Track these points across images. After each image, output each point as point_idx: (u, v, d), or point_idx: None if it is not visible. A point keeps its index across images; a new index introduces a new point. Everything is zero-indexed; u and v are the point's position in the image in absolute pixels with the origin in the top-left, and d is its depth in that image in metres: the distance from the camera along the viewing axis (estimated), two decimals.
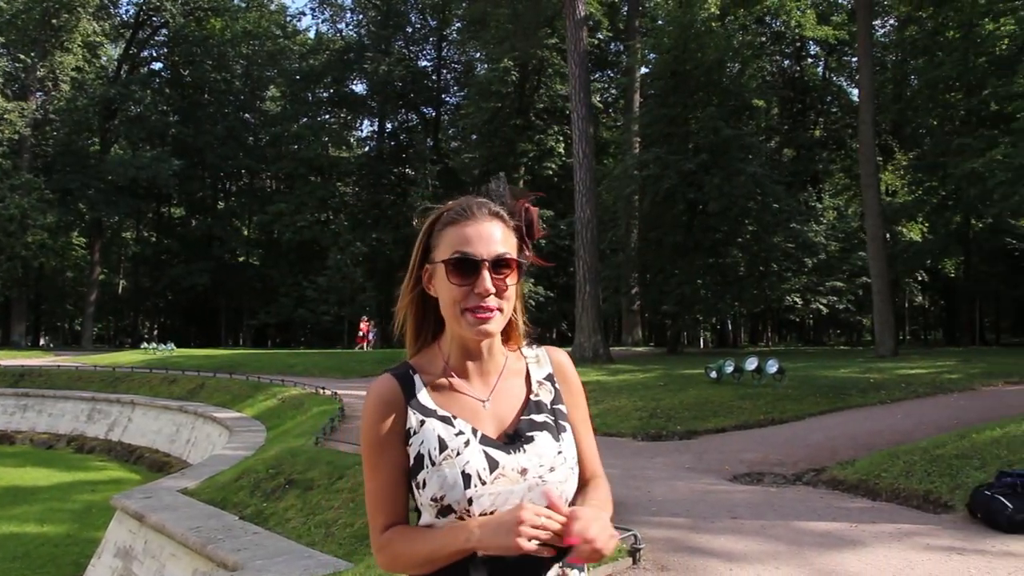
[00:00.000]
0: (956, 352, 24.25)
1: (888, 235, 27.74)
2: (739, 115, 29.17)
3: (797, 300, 33.08)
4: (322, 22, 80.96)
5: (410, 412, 1.60)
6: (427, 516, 1.57)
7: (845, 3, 36.46)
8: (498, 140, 39.15)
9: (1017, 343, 38.20)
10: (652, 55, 30.46)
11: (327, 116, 51.44)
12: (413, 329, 1.72)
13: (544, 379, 1.72)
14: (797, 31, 33.97)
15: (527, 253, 1.67)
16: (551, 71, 39.59)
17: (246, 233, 52.02)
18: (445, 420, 1.59)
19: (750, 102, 29.57)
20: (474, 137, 43.50)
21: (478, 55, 48.64)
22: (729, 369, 15.91)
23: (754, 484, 8.44)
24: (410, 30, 51.27)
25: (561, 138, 40.38)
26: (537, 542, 1.42)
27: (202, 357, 29.92)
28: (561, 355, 1.78)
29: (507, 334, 1.71)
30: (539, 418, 1.64)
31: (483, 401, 1.64)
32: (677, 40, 26.85)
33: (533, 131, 39.67)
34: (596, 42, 38.68)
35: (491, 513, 1.52)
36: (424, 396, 1.62)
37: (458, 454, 1.55)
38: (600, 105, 42.03)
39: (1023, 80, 21.68)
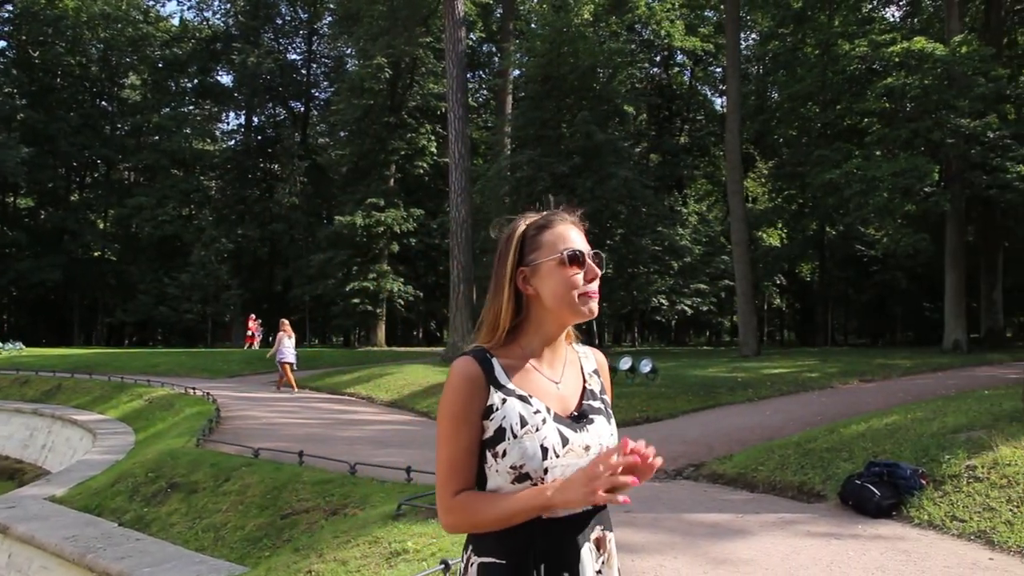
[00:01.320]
0: (813, 352, 25.61)
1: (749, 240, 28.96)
2: (610, 120, 29.80)
3: (663, 301, 34.08)
4: (187, 9, 78.22)
5: (492, 391, 1.82)
6: (499, 481, 1.79)
7: (712, 16, 37.81)
8: (368, 138, 38.60)
9: (862, 344, 40.60)
10: (525, 58, 30.76)
11: (191, 107, 49.49)
12: (502, 327, 1.92)
13: (592, 372, 2.01)
14: (666, 40, 35.01)
15: None
16: (424, 70, 39.42)
17: (102, 227, 49.45)
18: (523, 399, 1.83)
19: (621, 108, 30.26)
20: (343, 134, 42.82)
21: (349, 51, 47.91)
22: None
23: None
24: (280, 22, 49.91)
25: (433, 137, 40.25)
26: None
27: (56, 357, 28.33)
28: (601, 355, 2.09)
29: None
30: (595, 403, 1.93)
31: (556, 383, 1.91)
32: (552, 44, 27.23)
33: (405, 129, 39.35)
34: (469, 43, 38.76)
35: None
36: (503, 377, 1.85)
37: (537, 429, 1.79)
38: (472, 105, 42.14)
39: (873, 98, 23.05)
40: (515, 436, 1.77)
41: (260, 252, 44.80)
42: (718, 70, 41.04)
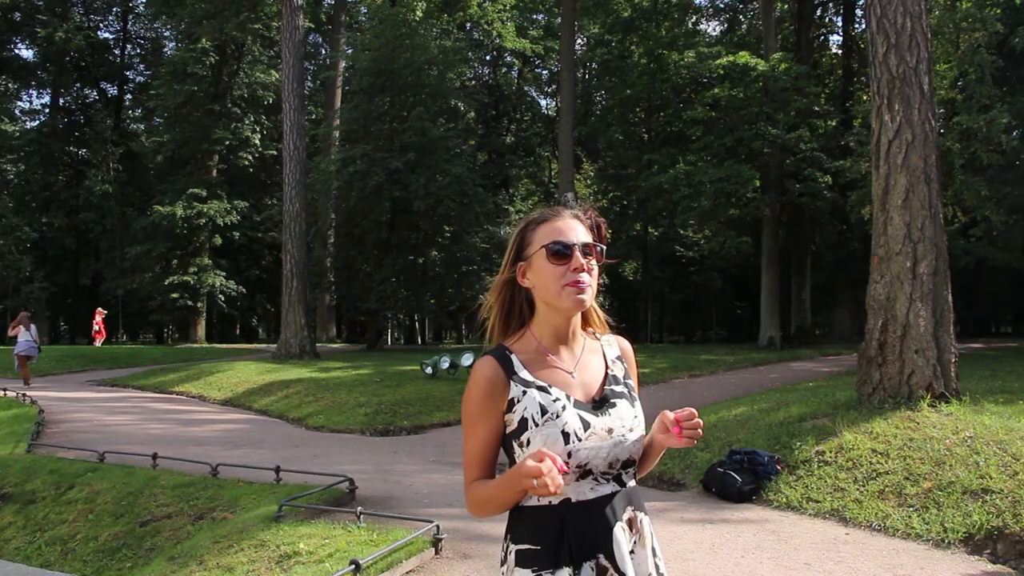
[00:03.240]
0: (636, 349, 26.59)
1: None
2: (441, 117, 29.85)
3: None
4: None
5: (512, 385, 1.93)
6: None
7: (542, 19, 38.54)
8: (190, 125, 36.87)
9: (677, 340, 42.64)
10: (356, 51, 30.29)
11: None
12: (503, 318, 2.09)
13: (615, 359, 2.11)
14: (497, 41, 35.40)
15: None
16: (252, 57, 38.10)
17: None
18: (542, 389, 1.93)
19: (453, 105, 30.35)
20: (158, 120, 40.69)
21: (167, 32, 45.51)
22: (445, 365, 16.43)
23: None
24: None
25: (259, 128, 39.01)
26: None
27: None
28: (626, 343, 2.20)
29: (585, 320, 2.10)
30: (617, 388, 2.03)
31: (570, 372, 1.99)
32: (387, 39, 26.99)
33: (230, 119, 37.88)
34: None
35: (585, 465, 1.88)
36: (522, 371, 1.95)
37: (557, 416, 1.89)
38: None
39: (699, 107, 24.27)
40: (536, 425, 1.88)
41: (68, 242, 41.80)
42: (545, 72, 41.93)
